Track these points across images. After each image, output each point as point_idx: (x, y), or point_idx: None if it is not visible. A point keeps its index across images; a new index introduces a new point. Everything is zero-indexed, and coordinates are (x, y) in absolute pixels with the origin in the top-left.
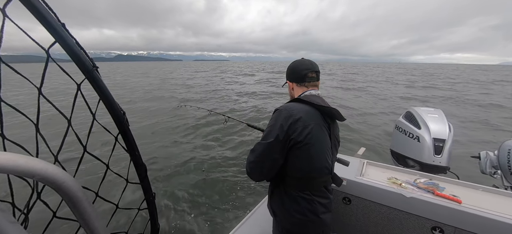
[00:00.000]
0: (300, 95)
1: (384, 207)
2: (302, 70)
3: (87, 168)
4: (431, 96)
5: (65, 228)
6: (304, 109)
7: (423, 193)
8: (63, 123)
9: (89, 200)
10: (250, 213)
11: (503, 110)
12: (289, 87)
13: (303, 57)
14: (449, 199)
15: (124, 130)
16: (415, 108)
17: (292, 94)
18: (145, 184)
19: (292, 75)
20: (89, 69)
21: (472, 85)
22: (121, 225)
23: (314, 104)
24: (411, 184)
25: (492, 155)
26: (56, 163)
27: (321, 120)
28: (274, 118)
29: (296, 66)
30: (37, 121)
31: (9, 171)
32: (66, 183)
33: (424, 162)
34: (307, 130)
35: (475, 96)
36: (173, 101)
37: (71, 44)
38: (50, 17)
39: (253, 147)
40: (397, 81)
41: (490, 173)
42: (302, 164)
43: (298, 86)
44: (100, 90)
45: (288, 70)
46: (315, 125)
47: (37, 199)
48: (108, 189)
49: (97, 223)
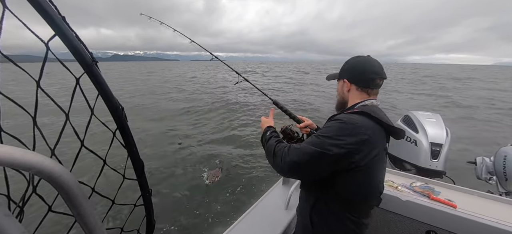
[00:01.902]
0: (362, 106)
1: (380, 210)
2: (370, 73)
3: (85, 163)
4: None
5: (61, 222)
6: (371, 127)
7: (418, 197)
8: (60, 116)
9: (85, 195)
10: (251, 207)
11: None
12: (342, 87)
13: (369, 55)
14: (444, 204)
15: (122, 125)
16: (413, 112)
17: (344, 97)
18: (142, 181)
19: (355, 75)
20: (88, 64)
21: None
22: (117, 220)
23: (382, 122)
24: (407, 187)
25: (488, 161)
26: (53, 157)
27: (385, 141)
28: (335, 128)
29: (362, 65)
30: (34, 114)
31: (5, 164)
32: (62, 177)
33: (421, 165)
34: (373, 153)
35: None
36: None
37: (71, 38)
38: (50, 9)
39: (300, 144)
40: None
41: (485, 179)
42: (359, 188)
43: (358, 91)
44: (99, 85)
45: (348, 66)
46: (382, 148)
47: (33, 193)
48: (104, 185)
49: (92, 218)
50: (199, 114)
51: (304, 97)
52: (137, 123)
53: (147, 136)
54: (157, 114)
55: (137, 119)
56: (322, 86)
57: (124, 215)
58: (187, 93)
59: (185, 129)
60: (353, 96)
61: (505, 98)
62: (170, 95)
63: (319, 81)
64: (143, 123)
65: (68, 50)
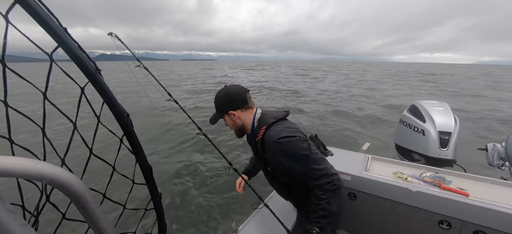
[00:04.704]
0: (263, 119)
1: (390, 201)
2: (241, 94)
3: (94, 170)
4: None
5: (75, 230)
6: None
7: (429, 187)
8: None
9: (97, 201)
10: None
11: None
12: (232, 119)
13: (226, 85)
14: (456, 193)
15: (128, 131)
16: (419, 102)
17: (239, 124)
18: (151, 185)
19: (235, 103)
20: (92, 72)
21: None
22: (129, 225)
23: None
24: (417, 178)
25: (499, 147)
26: (63, 166)
27: None
28: (294, 141)
29: (232, 93)
30: (43, 125)
31: (19, 175)
32: (74, 185)
33: (430, 155)
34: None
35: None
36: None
37: (74, 48)
38: (52, 22)
39: (319, 165)
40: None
41: (497, 165)
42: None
43: (245, 111)
44: (103, 93)
45: (224, 100)
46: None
47: (47, 202)
48: (114, 190)
49: (105, 224)
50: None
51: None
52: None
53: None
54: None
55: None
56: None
57: (136, 219)
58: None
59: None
60: (245, 117)
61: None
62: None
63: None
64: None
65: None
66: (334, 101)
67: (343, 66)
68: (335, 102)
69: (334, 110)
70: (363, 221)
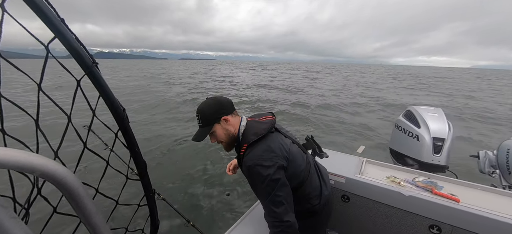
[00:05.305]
0: (254, 130)
1: (383, 205)
2: (226, 102)
3: (88, 165)
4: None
5: (66, 223)
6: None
7: (421, 192)
8: (62, 118)
9: (89, 196)
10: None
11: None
12: (224, 126)
13: (208, 97)
14: (447, 198)
15: (124, 126)
16: (415, 107)
17: (230, 132)
18: (145, 181)
19: (225, 108)
20: (88, 65)
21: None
22: (121, 221)
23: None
24: (410, 182)
25: (491, 155)
26: (56, 159)
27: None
28: (261, 178)
29: (219, 100)
30: (37, 117)
31: (10, 167)
32: (66, 178)
33: (423, 160)
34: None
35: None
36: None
37: (71, 40)
38: (49, 12)
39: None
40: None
41: (488, 173)
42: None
43: (232, 116)
44: (100, 87)
45: (215, 109)
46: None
47: (38, 195)
48: (108, 185)
49: (97, 219)
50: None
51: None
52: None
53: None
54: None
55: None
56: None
57: (129, 215)
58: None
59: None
60: (233, 124)
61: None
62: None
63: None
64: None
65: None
66: (334, 101)
67: (342, 68)
68: (335, 103)
69: (333, 111)
70: (355, 223)
